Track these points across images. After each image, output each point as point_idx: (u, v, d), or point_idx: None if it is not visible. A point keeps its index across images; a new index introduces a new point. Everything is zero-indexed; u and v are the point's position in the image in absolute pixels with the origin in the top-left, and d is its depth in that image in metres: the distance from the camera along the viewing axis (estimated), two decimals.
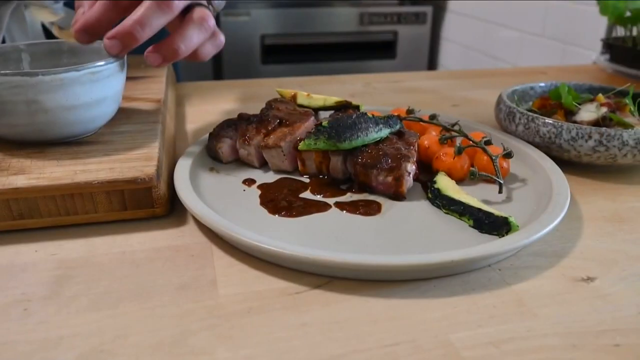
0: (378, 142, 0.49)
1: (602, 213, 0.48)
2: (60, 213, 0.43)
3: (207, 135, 0.56)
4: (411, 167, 0.47)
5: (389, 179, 0.47)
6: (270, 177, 0.52)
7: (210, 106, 0.76)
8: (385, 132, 0.50)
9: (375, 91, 0.87)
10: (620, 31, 1.01)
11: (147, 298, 0.36)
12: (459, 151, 0.50)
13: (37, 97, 0.45)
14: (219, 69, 2.09)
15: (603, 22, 1.29)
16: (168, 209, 0.46)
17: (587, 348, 0.32)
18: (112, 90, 0.50)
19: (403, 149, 0.48)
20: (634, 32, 0.95)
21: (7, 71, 0.44)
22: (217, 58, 2.02)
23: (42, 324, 0.34)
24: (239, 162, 0.54)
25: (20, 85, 0.44)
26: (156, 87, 0.68)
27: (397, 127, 0.52)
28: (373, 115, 0.50)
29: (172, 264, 0.40)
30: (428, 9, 2.30)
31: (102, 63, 0.47)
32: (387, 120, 0.51)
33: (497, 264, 0.40)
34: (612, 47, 0.98)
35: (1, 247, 0.42)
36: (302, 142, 0.48)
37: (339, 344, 0.32)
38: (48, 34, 0.72)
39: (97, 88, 0.48)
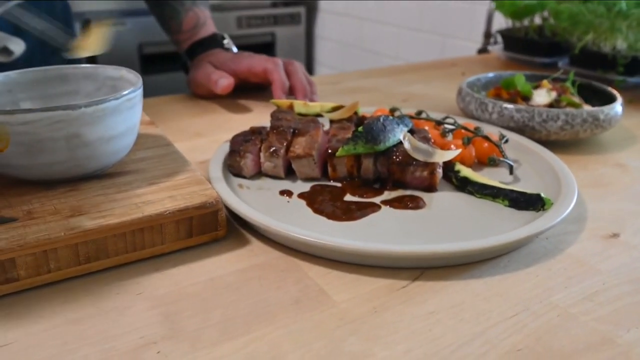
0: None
1: (584, 181, 0.57)
2: (127, 250, 0.41)
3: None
4: None
5: (425, 173, 0.51)
6: (302, 186, 0.53)
7: (184, 123, 0.74)
8: (404, 130, 0.54)
9: (321, 94, 0.90)
10: (499, 24, 1.16)
11: (272, 317, 0.37)
12: (468, 141, 0.56)
13: (78, 131, 0.42)
14: None
15: (479, 16, 1.46)
16: (227, 230, 0.46)
17: None
18: (138, 116, 0.48)
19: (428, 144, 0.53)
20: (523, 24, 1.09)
21: (46, 106, 0.40)
22: None
23: None
24: (261, 175, 0.55)
25: (62, 120, 0.41)
26: None
27: (411, 125, 0.56)
28: (394, 117, 0.54)
29: (270, 282, 0.40)
30: (301, 10, 2.38)
31: (132, 89, 0.45)
32: (403, 120, 0.55)
33: (542, 234, 0.47)
34: (506, 38, 1.13)
35: (74, 295, 0.38)
36: (341, 148, 0.51)
37: (473, 323, 0.36)
38: None
39: (130, 115, 0.45)
